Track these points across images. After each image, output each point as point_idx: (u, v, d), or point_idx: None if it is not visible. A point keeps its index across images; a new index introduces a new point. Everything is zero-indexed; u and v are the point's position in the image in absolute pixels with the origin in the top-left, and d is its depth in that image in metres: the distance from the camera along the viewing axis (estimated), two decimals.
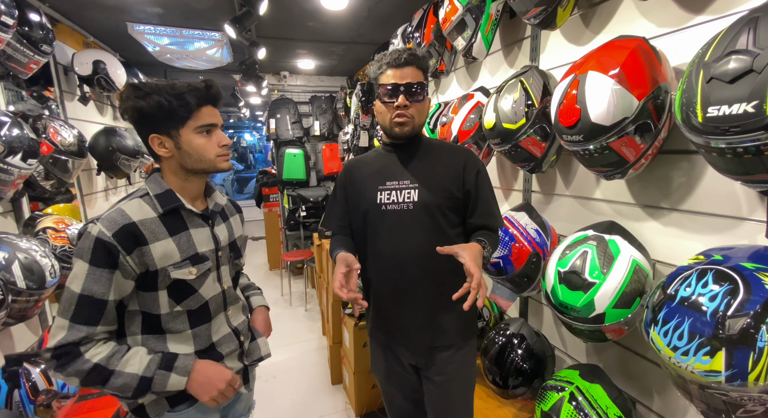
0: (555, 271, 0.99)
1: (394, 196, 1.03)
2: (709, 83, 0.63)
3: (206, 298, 0.90)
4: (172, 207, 0.85)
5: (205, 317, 0.91)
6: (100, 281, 0.77)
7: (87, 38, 2.55)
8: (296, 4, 2.18)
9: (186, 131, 0.84)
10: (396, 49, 1.00)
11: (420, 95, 1.00)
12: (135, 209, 0.82)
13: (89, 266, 0.76)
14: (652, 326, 0.75)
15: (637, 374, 1.11)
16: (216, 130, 0.88)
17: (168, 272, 0.83)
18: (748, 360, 0.61)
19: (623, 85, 0.83)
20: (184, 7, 2.20)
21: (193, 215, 0.90)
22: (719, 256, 0.73)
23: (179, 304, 0.86)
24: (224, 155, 0.89)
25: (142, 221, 0.81)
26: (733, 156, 0.63)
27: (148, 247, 0.80)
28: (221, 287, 0.95)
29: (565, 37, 1.29)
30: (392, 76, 0.98)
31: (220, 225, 0.97)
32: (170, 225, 0.85)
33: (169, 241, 0.84)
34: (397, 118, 0.99)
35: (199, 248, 0.88)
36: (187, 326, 0.88)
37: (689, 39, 0.92)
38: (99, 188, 2.57)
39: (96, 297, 0.77)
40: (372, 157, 1.13)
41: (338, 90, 4.33)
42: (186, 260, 0.85)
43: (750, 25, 0.61)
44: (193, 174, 0.89)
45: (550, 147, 1.19)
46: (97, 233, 0.77)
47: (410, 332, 1.06)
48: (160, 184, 0.87)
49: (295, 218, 4.29)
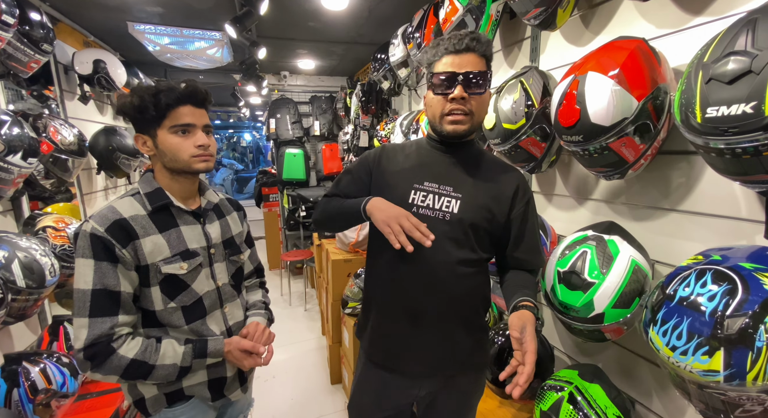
0: (554, 271, 1.00)
1: (430, 200, 0.90)
2: (708, 84, 0.63)
3: (200, 293, 0.91)
4: (161, 205, 0.87)
5: (200, 313, 0.91)
6: (107, 273, 0.79)
7: (87, 37, 2.55)
8: (297, 5, 2.19)
9: (162, 131, 0.85)
10: (456, 32, 0.86)
11: (482, 87, 0.85)
12: (126, 206, 0.84)
13: (94, 261, 0.79)
14: (651, 325, 0.75)
15: (636, 374, 1.11)
16: (194, 131, 0.87)
17: (159, 266, 0.84)
18: (747, 360, 0.62)
19: (623, 85, 0.83)
20: (185, 6, 2.20)
21: (183, 212, 0.91)
22: (718, 256, 0.73)
23: (173, 300, 0.87)
24: (200, 156, 0.87)
25: (132, 217, 0.83)
26: (732, 156, 0.64)
27: (139, 241, 0.82)
28: (215, 284, 0.95)
29: (564, 38, 1.29)
30: (450, 63, 0.85)
31: (212, 223, 0.97)
32: (159, 222, 0.87)
33: (158, 236, 0.85)
34: (452, 115, 0.86)
35: (189, 244, 0.90)
36: (183, 322, 0.89)
37: (688, 40, 0.92)
38: (99, 187, 2.57)
39: (109, 289, 0.79)
40: (413, 148, 0.98)
41: (338, 90, 4.33)
42: (176, 255, 0.87)
43: (748, 27, 0.61)
44: (177, 173, 0.89)
45: (550, 147, 1.19)
46: (90, 229, 0.79)
47: (426, 354, 0.94)
48: (150, 183, 0.89)
49: (295, 217, 4.29)
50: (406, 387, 0.99)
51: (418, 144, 1.00)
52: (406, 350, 0.95)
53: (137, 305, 0.86)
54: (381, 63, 2.49)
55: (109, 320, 0.79)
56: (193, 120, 0.86)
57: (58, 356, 1.34)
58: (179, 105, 0.84)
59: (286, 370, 2.56)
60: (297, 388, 2.37)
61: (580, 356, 1.32)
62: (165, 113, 0.84)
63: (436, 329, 0.93)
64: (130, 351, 0.80)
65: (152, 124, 0.85)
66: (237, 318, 1.00)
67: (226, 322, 0.97)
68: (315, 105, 4.44)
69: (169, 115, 0.84)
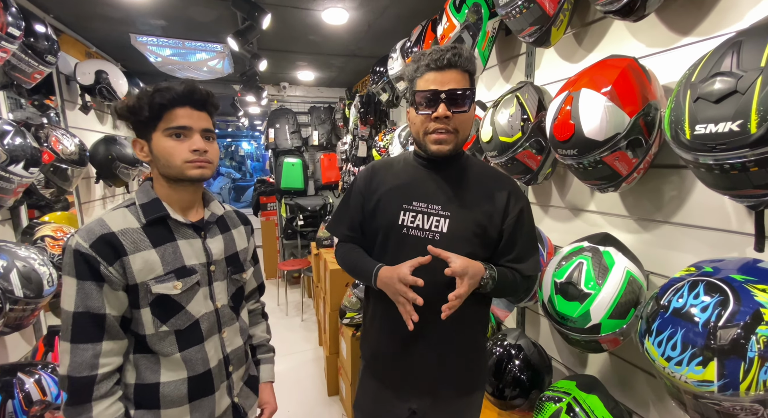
0: (551, 281, 1.01)
1: (419, 220, 0.89)
2: (696, 103, 0.66)
3: (196, 316, 0.82)
4: (156, 217, 0.79)
5: (195, 339, 0.82)
6: (91, 295, 0.72)
7: (90, 49, 2.58)
8: (298, 19, 2.24)
9: (157, 134, 0.78)
10: (437, 47, 0.83)
11: (465, 104, 0.83)
12: (117, 219, 0.76)
13: (77, 281, 0.71)
14: (647, 336, 0.77)
15: (633, 385, 1.12)
16: (190, 134, 0.79)
17: (149, 286, 0.76)
18: (740, 370, 0.63)
19: (615, 102, 0.86)
20: (188, 19, 2.24)
21: (181, 225, 0.83)
22: (710, 268, 0.75)
23: (165, 323, 0.78)
24: (194, 162, 0.78)
25: (123, 230, 0.75)
26: (721, 172, 0.66)
27: (128, 258, 0.74)
28: (214, 305, 0.86)
29: (559, 55, 1.33)
30: (432, 80, 0.82)
31: (215, 237, 0.89)
32: (154, 236, 0.79)
33: (151, 252, 0.77)
34: (435, 134, 0.84)
35: (187, 260, 0.81)
36: (175, 349, 0.79)
37: (677, 59, 0.96)
38: (97, 196, 2.57)
39: (92, 312, 0.72)
40: (400, 165, 0.97)
41: (337, 101, 4.39)
42: (170, 273, 0.78)
43: (734, 49, 0.64)
44: (175, 182, 0.81)
45: (546, 160, 1.22)
46: (74, 245, 0.72)
47: (419, 373, 0.94)
48: (147, 193, 0.81)
49: (293, 226, 4.29)
50: (398, 401, 1.00)
51: (405, 160, 0.98)
52: (399, 369, 0.96)
53: (130, 328, 0.78)
54: (380, 76, 2.53)
55: (91, 348, 0.71)
56: (190, 122, 0.78)
57: (53, 366, 1.33)
58: (175, 106, 0.77)
59: (282, 382, 2.53)
60: (293, 400, 2.34)
61: (578, 367, 1.33)
62: (160, 115, 0.76)
63: (430, 350, 0.93)
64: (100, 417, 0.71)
65: (148, 126, 0.78)
66: (235, 345, 0.91)
67: (223, 349, 0.88)
68: (314, 115, 4.49)
69: (164, 117, 0.77)
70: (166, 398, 0.79)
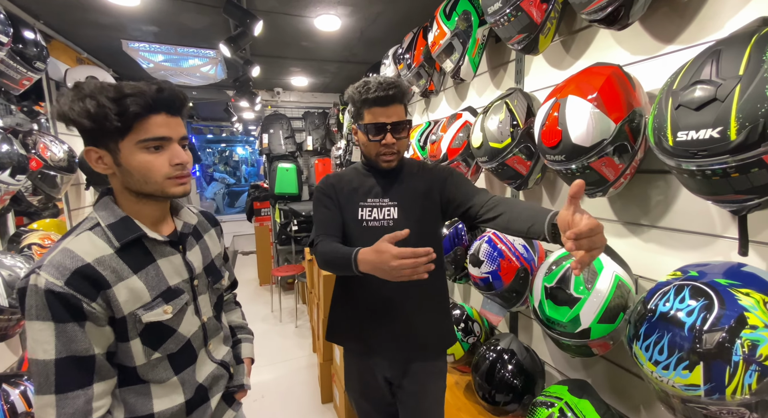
0: (542, 286, 1.02)
1: (375, 213, 1.06)
2: (677, 110, 0.67)
3: (187, 336, 0.77)
4: (131, 239, 0.69)
5: (189, 359, 0.78)
6: (75, 337, 0.62)
7: (81, 55, 2.57)
8: (290, 25, 2.25)
9: (126, 145, 0.66)
10: (379, 82, 0.98)
11: (405, 131, 1.04)
12: (86, 247, 0.65)
13: (54, 324, 0.61)
14: (635, 340, 0.77)
15: (625, 389, 1.12)
16: (170, 146, 0.69)
17: (138, 316, 0.68)
18: (725, 374, 0.64)
19: (601, 108, 0.87)
20: (180, 26, 2.24)
21: (157, 243, 0.74)
22: (695, 272, 0.76)
23: (157, 350, 0.72)
24: (177, 177, 0.70)
25: (98, 260, 0.65)
26: (703, 178, 0.67)
27: (111, 290, 0.65)
28: (200, 320, 0.81)
29: (547, 61, 1.35)
30: (379, 114, 0.99)
31: (193, 248, 0.82)
32: (132, 260, 0.69)
33: (134, 279, 0.68)
34: (385, 156, 1.04)
35: (170, 280, 0.74)
36: (171, 373, 0.74)
37: (661, 66, 0.98)
38: (87, 203, 2.54)
39: (79, 356, 0.63)
40: (351, 175, 1.13)
41: (331, 106, 4.40)
42: (157, 298, 0.71)
43: (713, 57, 0.66)
44: (145, 196, 0.71)
45: (535, 165, 1.23)
46: (44, 284, 0.60)
47: (390, 344, 1.08)
48: (113, 211, 0.70)
49: (287, 232, 4.27)
50: (376, 372, 1.12)
51: (356, 170, 1.14)
52: (375, 340, 1.08)
53: (114, 362, 0.69)
54: None
55: (82, 394, 0.63)
56: (168, 132, 0.68)
57: None
58: (151, 113, 0.66)
59: (276, 389, 2.50)
60: (287, 408, 2.31)
61: (571, 371, 1.33)
62: (131, 124, 0.65)
63: (400, 318, 1.07)
64: None
65: (112, 135, 0.65)
66: (221, 352, 0.89)
67: (212, 359, 0.85)
68: (308, 121, 4.49)
69: (136, 127, 0.65)
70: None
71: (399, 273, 0.81)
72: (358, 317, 1.10)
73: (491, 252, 1.28)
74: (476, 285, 1.33)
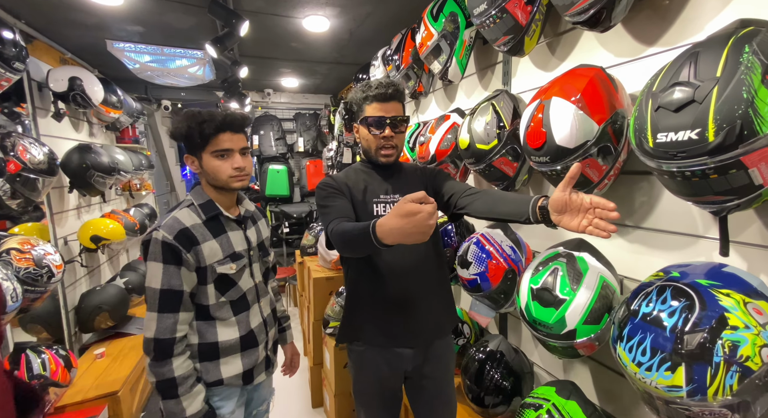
0: (528, 288, 1.01)
1: (389, 208, 1.11)
2: (657, 112, 0.68)
3: (244, 289, 1.09)
4: (213, 214, 1.04)
5: (244, 306, 1.10)
6: (174, 275, 0.96)
7: (64, 55, 2.52)
8: (279, 26, 2.23)
9: (206, 155, 1.01)
10: (380, 81, 1.09)
11: (403, 127, 1.11)
12: (186, 217, 1.01)
13: (164, 265, 0.95)
14: (618, 342, 0.77)
15: (612, 390, 1.12)
16: (232, 154, 1.02)
17: (214, 267, 1.01)
18: (707, 375, 0.63)
19: (584, 110, 0.88)
20: (166, 26, 2.21)
21: (229, 220, 1.08)
22: (677, 273, 0.76)
23: (224, 295, 1.05)
24: (236, 177, 1.04)
25: (192, 225, 1.00)
26: (683, 179, 0.68)
27: (200, 246, 0.99)
28: (254, 281, 1.14)
29: (533, 63, 1.36)
30: (379, 109, 1.08)
31: (250, 228, 1.16)
32: (212, 229, 1.04)
33: (213, 241, 1.02)
34: (384, 149, 1.10)
35: (236, 247, 1.07)
36: (230, 314, 1.07)
37: (643, 68, 0.98)
38: (70, 206, 2.48)
39: (174, 289, 0.96)
40: (354, 174, 1.17)
41: (322, 108, 4.38)
42: (227, 258, 1.04)
43: (691, 60, 0.66)
44: (220, 188, 1.05)
45: (521, 167, 1.23)
46: (162, 237, 0.96)
47: (413, 329, 1.12)
48: (202, 195, 1.06)
49: (278, 234, 4.23)
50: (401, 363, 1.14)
51: (355, 170, 1.18)
52: (403, 332, 1.12)
53: (193, 301, 1.02)
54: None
55: (172, 316, 0.96)
56: (231, 145, 1.02)
57: None
58: (219, 133, 1.00)
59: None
60: (276, 412, 2.27)
61: (560, 372, 1.33)
62: (208, 140, 0.99)
63: (423, 307, 1.12)
64: (178, 369, 0.96)
65: (198, 148, 1.01)
66: (267, 311, 1.20)
67: (262, 314, 1.17)
68: (299, 122, 4.47)
69: (211, 142, 1.00)
70: (225, 350, 1.06)
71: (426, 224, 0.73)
72: (379, 311, 1.12)
73: (479, 253, 1.27)
74: (464, 287, 1.33)
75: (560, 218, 0.78)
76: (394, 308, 1.11)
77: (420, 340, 1.14)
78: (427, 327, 1.14)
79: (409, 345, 1.13)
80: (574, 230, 0.75)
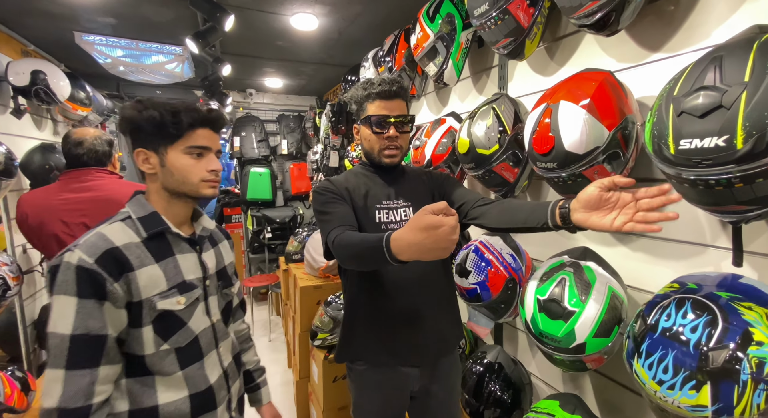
0: (534, 299, 0.97)
1: (392, 215, 1.05)
2: (680, 117, 0.65)
3: (196, 332, 0.82)
4: (157, 231, 0.79)
5: (196, 355, 0.82)
6: (92, 314, 0.69)
7: (27, 47, 2.32)
8: (264, 23, 2.14)
9: (174, 150, 0.80)
10: (383, 78, 1.03)
11: (408, 127, 1.05)
12: (117, 233, 0.75)
13: (77, 300, 0.68)
14: (636, 357, 0.73)
15: (616, 403, 1.10)
16: (208, 155, 0.84)
17: (154, 302, 0.75)
18: (734, 394, 0.60)
19: (594, 115, 0.85)
20: (141, 19, 2.07)
21: (179, 239, 0.84)
22: (693, 284, 0.74)
23: (166, 341, 0.77)
24: (210, 181, 0.84)
25: (126, 245, 0.74)
26: (705, 187, 0.65)
27: (134, 273, 0.73)
28: (210, 321, 0.87)
29: (531, 68, 1.33)
30: (383, 107, 1.01)
31: (208, 251, 0.91)
32: (155, 250, 0.78)
33: (154, 267, 0.77)
34: (388, 150, 1.04)
35: (186, 275, 0.81)
36: (176, 368, 0.79)
37: (647, 74, 0.97)
38: None
39: (93, 333, 0.69)
40: (354, 178, 1.09)
41: (307, 110, 4.28)
42: (173, 289, 0.78)
43: (715, 63, 0.63)
44: (176, 197, 0.83)
45: (522, 172, 1.20)
46: (77, 261, 0.68)
47: (419, 348, 1.06)
48: (143, 206, 0.81)
49: (260, 240, 4.08)
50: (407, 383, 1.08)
51: (355, 174, 1.11)
52: (407, 347, 1.05)
53: (121, 350, 0.75)
54: (352, 85, 2.48)
55: (88, 374, 0.68)
56: (209, 143, 0.83)
57: None
58: (198, 127, 0.81)
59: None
60: None
61: (559, 383, 1.30)
62: (182, 133, 0.79)
63: (428, 320, 1.06)
64: None
65: (164, 141, 0.79)
66: (228, 359, 0.92)
67: (221, 364, 0.89)
68: (283, 124, 4.34)
69: (186, 136, 0.80)
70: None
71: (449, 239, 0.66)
72: (383, 329, 1.05)
73: (478, 262, 1.23)
74: (463, 297, 1.27)
75: (588, 216, 0.71)
76: (399, 323, 1.04)
77: (426, 358, 1.07)
78: (433, 344, 1.08)
79: (415, 364, 1.06)
80: (606, 229, 0.69)
